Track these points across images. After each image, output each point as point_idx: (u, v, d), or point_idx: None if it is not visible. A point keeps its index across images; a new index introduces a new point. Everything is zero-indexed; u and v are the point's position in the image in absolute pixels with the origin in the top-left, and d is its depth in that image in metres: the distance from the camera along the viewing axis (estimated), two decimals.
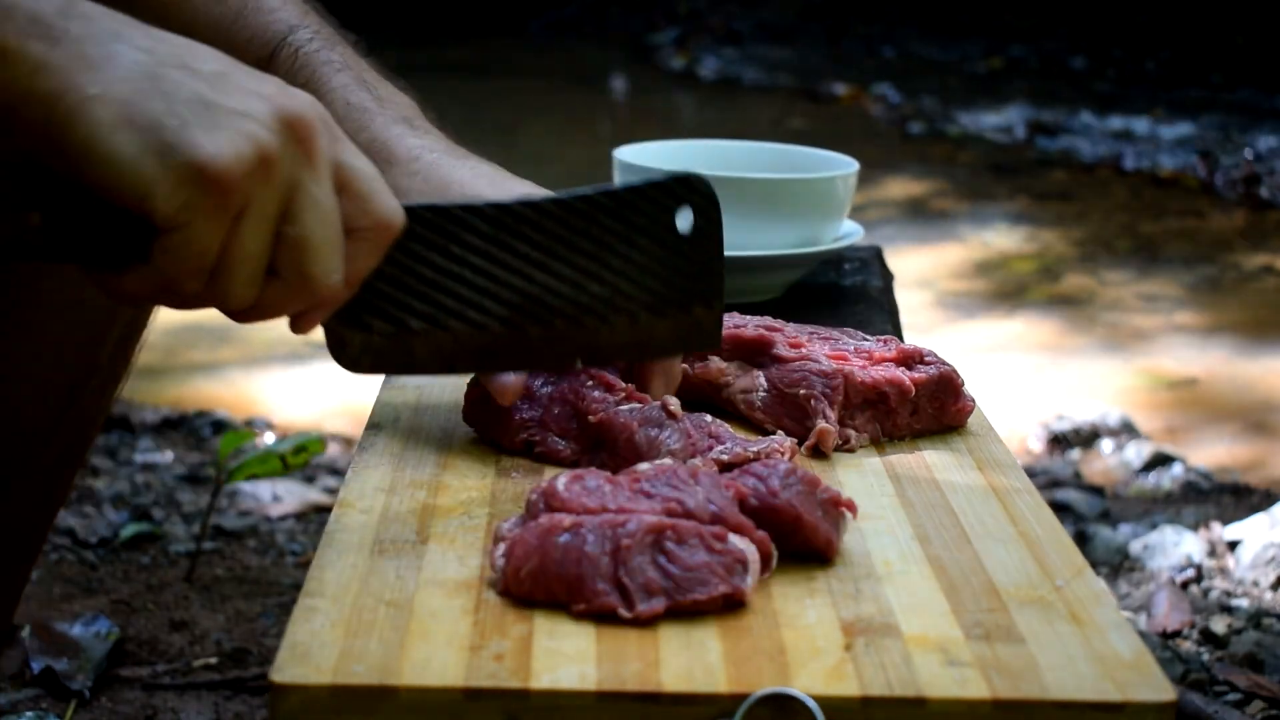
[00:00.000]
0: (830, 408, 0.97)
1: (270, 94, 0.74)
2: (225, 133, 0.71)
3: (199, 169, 0.71)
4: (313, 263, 0.76)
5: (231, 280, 0.75)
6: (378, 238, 0.79)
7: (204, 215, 0.72)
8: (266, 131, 0.72)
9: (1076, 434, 2.62)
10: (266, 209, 0.74)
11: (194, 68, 0.73)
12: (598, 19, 8.20)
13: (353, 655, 0.69)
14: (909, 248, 3.87)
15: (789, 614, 0.75)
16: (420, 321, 0.88)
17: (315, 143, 0.75)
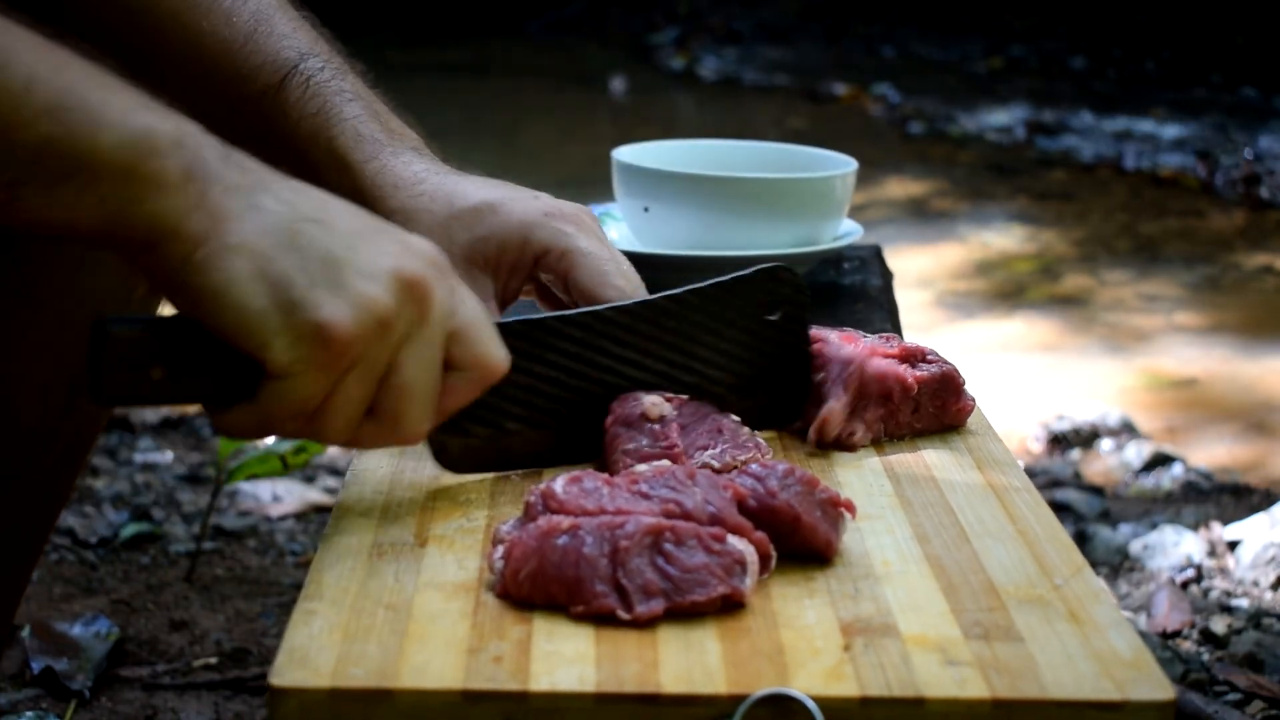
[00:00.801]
0: (845, 391, 0.96)
1: (395, 252, 0.77)
2: (349, 294, 0.74)
3: (319, 329, 0.74)
4: (409, 409, 0.79)
5: (330, 423, 0.78)
6: (479, 379, 0.82)
7: (315, 369, 0.75)
8: (388, 295, 0.75)
9: (1076, 434, 2.62)
10: (376, 364, 0.76)
11: (329, 224, 0.76)
12: (598, 19, 8.20)
13: (351, 658, 0.69)
14: (909, 247, 3.87)
15: (788, 614, 0.74)
16: (516, 424, 0.90)
17: (431, 302, 0.77)
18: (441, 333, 0.78)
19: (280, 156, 1.02)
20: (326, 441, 0.79)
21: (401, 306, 0.76)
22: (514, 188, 1.01)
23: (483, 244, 0.98)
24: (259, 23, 1.04)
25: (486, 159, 5.22)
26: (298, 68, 1.03)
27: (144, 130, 0.73)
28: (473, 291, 0.98)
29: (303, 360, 0.74)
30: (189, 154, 0.74)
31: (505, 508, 0.87)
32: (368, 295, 0.75)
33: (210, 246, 0.73)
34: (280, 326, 0.74)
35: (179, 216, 0.73)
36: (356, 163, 1.01)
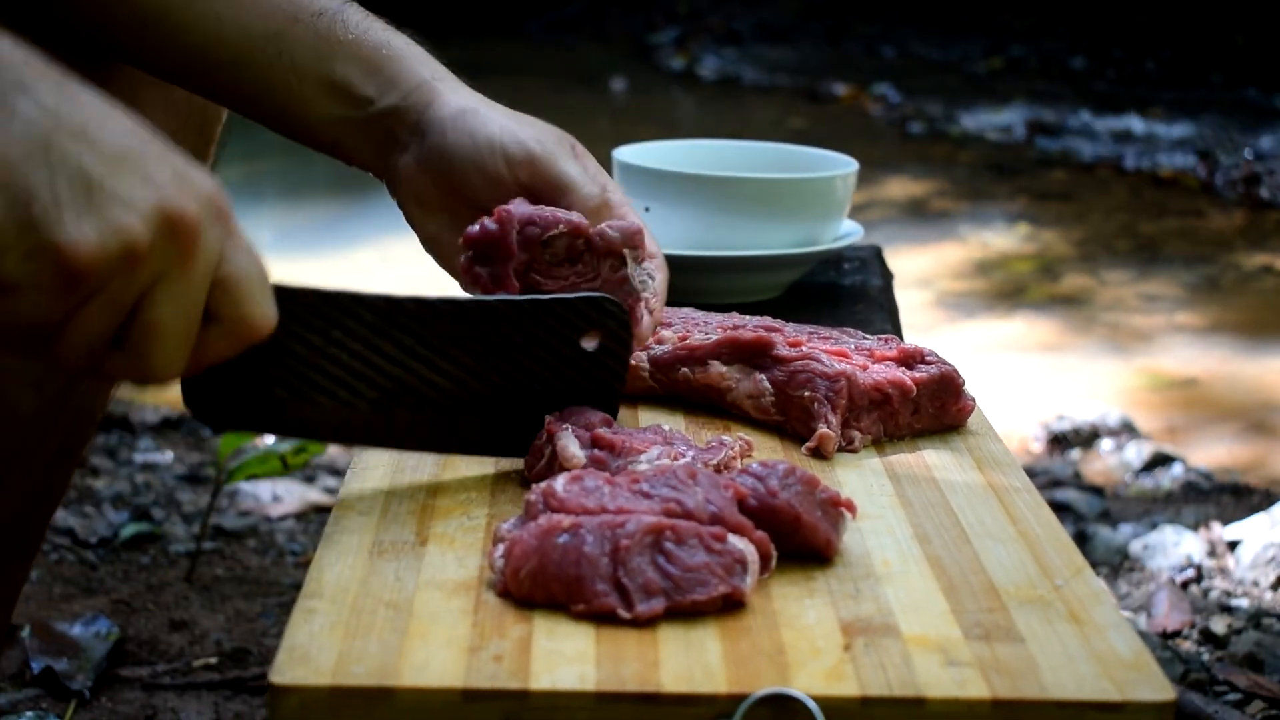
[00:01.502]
0: (833, 412, 0.96)
1: (164, 183, 0.71)
2: (97, 220, 0.69)
3: (56, 251, 0.68)
4: (155, 350, 0.74)
5: (65, 349, 0.73)
6: (239, 336, 0.77)
7: (45, 291, 0.70)
8: (143, 225, 0.70)
9: (1076, 434, 2.62)
10: (120, 296, 0.72)
11: (94, 141, 0.70)
12: (597, 19, 8.20)
13: (352, 656, 0.69)
14: (909, 248, 3.87)
15: (788, 614, 0.74)
16: (285, 391, 0.85)
17: (195, 243, 0.72)
18: (204, 279, 0.73)
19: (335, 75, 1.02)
20: (63, 367, 0.75)
21: (158, 243, 0.71)
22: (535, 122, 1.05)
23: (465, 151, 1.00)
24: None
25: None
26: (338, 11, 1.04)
27: None
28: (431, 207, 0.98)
29: (32, 279, 0.69)
30: None
31: (506, 506, 0.87)
32: (120, 224, 0.69)
33: None
34: (14, 241, 0.68)
35: None
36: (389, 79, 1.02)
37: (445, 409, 0.89)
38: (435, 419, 0.89)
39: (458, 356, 0.88)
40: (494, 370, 0.89)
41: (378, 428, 0.88)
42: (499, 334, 0.88)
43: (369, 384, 0.87)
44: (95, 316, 0.72)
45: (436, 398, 0.88)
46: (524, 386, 0.90)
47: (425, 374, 0.88)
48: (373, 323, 0.86)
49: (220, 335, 0.76)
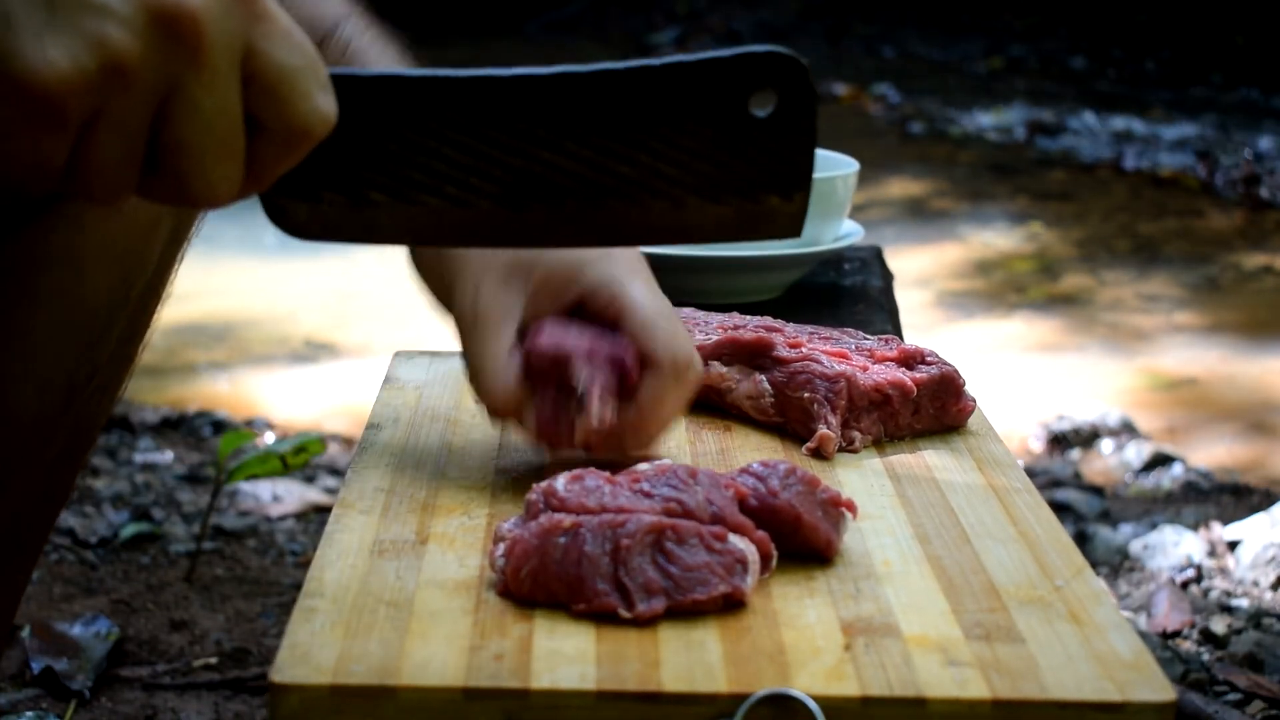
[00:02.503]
0: (833, 413, 0.96)
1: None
2: (66, 38, 0.59)
3: (18, 85, 0.59)
4: (194, 172, 0.64)
5: (89, 184, 0.63)
6: (292, 142, 0.66)
7: (30, 129, 0.61)
8: (126, 34, 0.60)
9: (1076, 434, 2.62)
10: (126, 118, 0.62)
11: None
12: (597, 19, 8.20)
13: (352, 655, 0.69)
14: (909, 248, 3.87)
15: (789, 614, 0.75)
16: (383, 194, 0.75)
17: (203, 40, 0.61)
18: (229, 79, 0.63)
19: None
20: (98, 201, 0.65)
21: (151, 48, 0.61)
22: None
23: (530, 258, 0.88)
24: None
25: None
26: (338, 28, 0.97)
27: None
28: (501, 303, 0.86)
29: (9, 119, 0.60)
30: None
31: (506, 505, 0.87)
32: (97, 34, 0.59)
33: None
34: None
35: None
36: None
37: (588, 198, 0.77)
38: (576, 212, 0.77)
39: (590, 137, 0.75)
40: (641, 149, 0.76)
41: (507, 226, 0.77)
42: (644, 106, 0.75)
43: (485, 177, 0.75)
44: (105, 145, 0.62)
45: (572, 185, 0.76)
46: (681, 165, 0.77)
47: (554, 159, 0.76)
48: (475, 108, 0.74)
49: (270, 143, 0.66)
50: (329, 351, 3.08)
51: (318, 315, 3.29)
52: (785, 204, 0.79)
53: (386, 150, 0.74)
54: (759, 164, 0.77)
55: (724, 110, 0.76)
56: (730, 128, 0.76)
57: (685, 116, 0.76)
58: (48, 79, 0.59)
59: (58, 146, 0.62)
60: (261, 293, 3.43)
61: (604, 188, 0.77)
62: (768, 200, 0.79)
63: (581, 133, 0.75)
